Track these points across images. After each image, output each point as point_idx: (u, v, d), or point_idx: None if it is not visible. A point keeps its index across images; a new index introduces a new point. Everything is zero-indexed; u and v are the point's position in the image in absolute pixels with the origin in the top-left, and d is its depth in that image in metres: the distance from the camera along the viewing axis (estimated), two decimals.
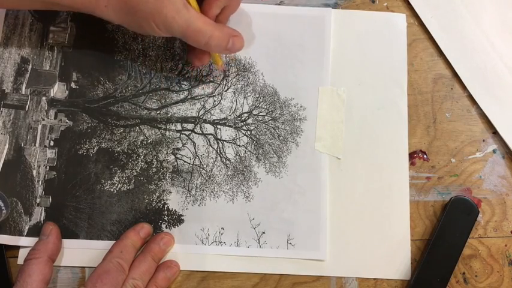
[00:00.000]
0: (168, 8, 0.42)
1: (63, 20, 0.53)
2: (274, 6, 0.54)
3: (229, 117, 0.52)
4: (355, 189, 0.51)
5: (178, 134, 0.51)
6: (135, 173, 0.50)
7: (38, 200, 0.49)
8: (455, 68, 0.53)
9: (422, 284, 0.47)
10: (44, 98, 0.52)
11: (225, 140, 0.51)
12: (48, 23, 0.53)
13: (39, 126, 0.51)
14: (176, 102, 0.52)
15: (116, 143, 0.51)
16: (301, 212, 0.50)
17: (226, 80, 0.53)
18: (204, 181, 0.50)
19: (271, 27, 0.54)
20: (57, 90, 0.52)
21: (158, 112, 0.52)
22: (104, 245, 0.48)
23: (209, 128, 0.52)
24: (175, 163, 0.51)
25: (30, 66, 0.52)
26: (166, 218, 0.49)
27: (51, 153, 0.50)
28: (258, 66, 0.53)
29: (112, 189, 0.50)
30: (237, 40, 0.47)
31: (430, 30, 0.54)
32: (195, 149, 0.51)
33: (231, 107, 0.52)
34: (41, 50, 0.53)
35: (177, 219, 0.49)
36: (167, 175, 0.50)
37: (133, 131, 0.51)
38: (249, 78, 0.53)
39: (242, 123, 0.52)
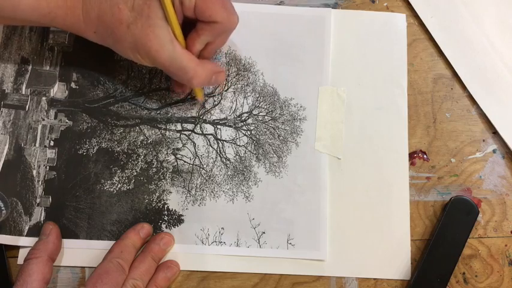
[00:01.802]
0: (152, 42, 0.42)
1: None
2: (274, 6, 0.54)
3: (229, 117, 0.52)
4: (355, 189, 0.51)
5: (178, 134, 0.51)
6: (135, 173, 0.50)
7: (38, 200, 0.49)
8: (455, 68, 0.53)
9: (422, 284, 0.47)
10: (44, 98, 0.52)
11: (225, 140, 0.51)
12: None
13: (39, 126, 0.51)
14: (176, 102, 0.52)
15: (116, 143, 0.51)
16: (301, 212, 0.50)
17: (226, 80, 0.53)
18: (204, 181, 0.50)
19: (271, 27, 0.54)
20: (57, 90, 0.52)
21: (158, 112, 0.52)
22: (104, 245, 0.48)
23: (209, 128, 0.52)
24: (175, 163, 0.51)
25: (30, 66, 0.52)
26: (166, 218, 0.50)
27: (51, 153, 0.50)
28: (258, 66, 0.53)
29: (112, 189, 0.50)
30: (219, 76, 0.47)
31: (430, 30, 0.54)
32: (195, 149, 0.51)
33: (231, 107, 0.52)
34: (41, 50, 0.53)
35: (177, 219, 0.49)
36: (167, 175, 0.50)
37: (133, 131, 0.51)
38: (249, 78, 0.53)
39: (242, 123, 0.52)
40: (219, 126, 0.52)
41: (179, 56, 0.43)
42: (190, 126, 0.52)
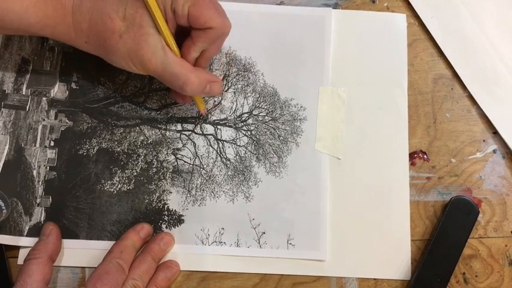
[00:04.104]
0: (144, 50, 0.42)
1: None
2: (274, 6, 0.54)
3: (229, 118, 0.52)
4: (355, 189, 0.51)
5: (179, 134, 0.51)
6: (135, 173, 0.50)
7: (38, 200, 0.49)
8: (455, 68, 0.53)
9: (422, 284, 0.47)
10: (44, 99, 0.52)
11: (225, 140, 0.51)
12: None
13: (40, 127, 0.51)
14: (176, 103, 0.52)
15: (116, 143, 0.51)
16: (301, 212, 0.50)
17: (226, 80, 0.53)
18: (204, 181, 0.50)
19: (271, 27, 0.54)
20: (58, 91, 0.52)
21: (158, 112, 0.52)
22: (104, 245, 0.48)
23: (209, 128, 0.52)
24: (176, 163, 0.51)
25: (31, 66, 0.52)
26: (166, 218, 0.50)
27: (51, 154, 0.50)
28: (258, 66, 0.53)
29: (112, 189, 0.50)
30: (215, 85, 0.46)
31: (430, 30, 0.54)
32: (195, 149, 0.51)
33: (231, 107, 0.52)
34: (41, 51, 0.53)
35: (177, 220, 0.50)
36: (167, 175, 0.50)
37: (134, 131, 0.51)
38: (249, 78, 0.53)
39: (242, 124, 0.52)
40: (219, 127, 0.52)
41: (171, 63, 0.43)
42: (190, 127, 0.52)
